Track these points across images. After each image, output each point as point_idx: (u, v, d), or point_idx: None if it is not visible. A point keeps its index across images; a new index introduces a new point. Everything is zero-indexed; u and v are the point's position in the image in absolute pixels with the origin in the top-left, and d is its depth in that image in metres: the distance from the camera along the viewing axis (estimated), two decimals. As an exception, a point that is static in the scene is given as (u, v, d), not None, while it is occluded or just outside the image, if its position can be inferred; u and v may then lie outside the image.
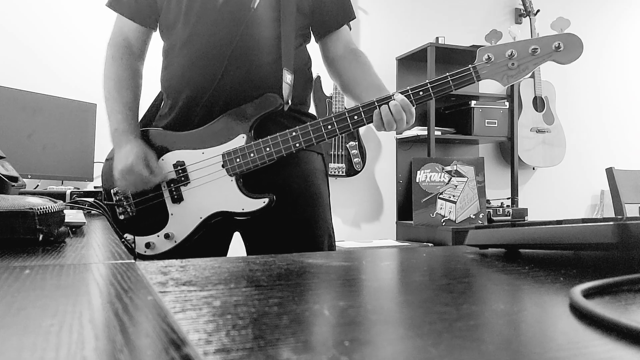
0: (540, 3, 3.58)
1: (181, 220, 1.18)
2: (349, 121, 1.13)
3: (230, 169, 1.15)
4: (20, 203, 0.61)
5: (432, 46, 3.15)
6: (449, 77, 1.13)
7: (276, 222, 1.18)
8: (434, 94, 1.13)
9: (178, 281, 0.40)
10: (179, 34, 1.21)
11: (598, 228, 0.43)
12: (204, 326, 0.27)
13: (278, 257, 0.55)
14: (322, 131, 1.13)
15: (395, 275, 0.47)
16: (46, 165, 2.35)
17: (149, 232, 1.19)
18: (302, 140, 1.13)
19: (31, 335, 0.25)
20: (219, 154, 1.16)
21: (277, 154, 1.13)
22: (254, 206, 1.14)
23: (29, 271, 0.43)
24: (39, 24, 2.65)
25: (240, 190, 1.15)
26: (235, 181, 1.15)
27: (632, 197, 2.37)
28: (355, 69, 1.28)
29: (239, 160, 1.14)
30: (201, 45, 1.17)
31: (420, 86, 1.14)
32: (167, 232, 1.17)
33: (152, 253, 1.18)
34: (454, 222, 2.87)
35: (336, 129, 1.13)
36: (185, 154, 1.18)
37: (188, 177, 1.17)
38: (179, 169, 1.18)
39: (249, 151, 1.14)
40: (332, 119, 1.13)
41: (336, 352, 0.23)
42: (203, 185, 1.17)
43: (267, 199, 1.14)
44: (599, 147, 3.96)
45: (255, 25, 1.17)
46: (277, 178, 1.19)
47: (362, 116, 1.13)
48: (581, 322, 0.28)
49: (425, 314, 0.31)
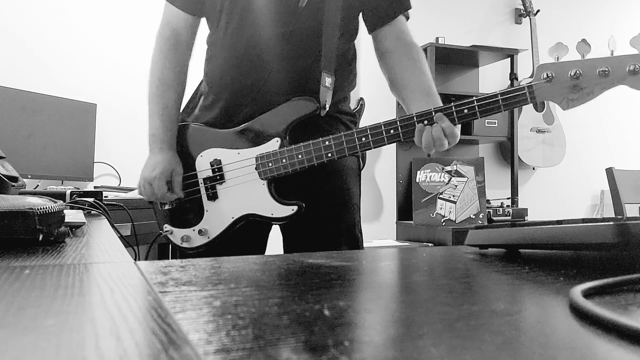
0: (540, 3, 3.58)
1: (215, 218, 1.18)
2: (384, 134, 1.06)
3: (263, 172, 1.14)
4: (20, 203, 0.61)
5: (432, 46, 3.15)
6: (499, 96, 1.02)
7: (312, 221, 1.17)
8: (480, 113, 1.03)
9: (178, 281, 0.40)
10: (222, 27, 1.18)
11: (598, 228, 0.43)
12: (204, 326, 0.27)
13: (278, 257, 0.55)
14: (356, 142, 1.08)
15: (395, 275, 0.47)
16: (46, 165, 2.35)
17: (186, 225, 1.21)
18: (335, 151, 1.09)
19: (31, 335, 0.25)
20: (253, 156, 1.15)
21: (308, 162, 1.10)
22: (283, 212, 1.13)
23: (29, 271, 0.43)
24: (39, 24, 2.65)
25: (270, 195, 1.14)
26: (266, 185, 1.14)
27: (632, 197, 2.37)
28: (405, 66, 1.20)
29: (271, 165, 1.13)
30: (246, 43, 1.15)
31: (464, 104, 1.03)
32: (201, 228, 1.19)
33: (188, 246, 1.20)
34: (454, 222, 2.86)
35: (370, 142, 1.07)
36: (223, 152, 1.18)
37: (224, 176, 1.17)
38: (215, 167, 1.18)
39: (281, 156, 1.12)
40: (367, 130, 1.07)
41: (336, 352, 0.23)
42: (237, 185, 1.16)
43: (296, 207, 1.12)
44: (598, 147, 3.96)
45: (301, 24, 1.14)
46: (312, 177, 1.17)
47: (398, 130, 1.06)
48: (581, 322, 0.28)
49: (425, 314, 0.31)
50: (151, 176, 1.17)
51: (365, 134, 1.07)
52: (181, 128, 1.23)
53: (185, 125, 1.23)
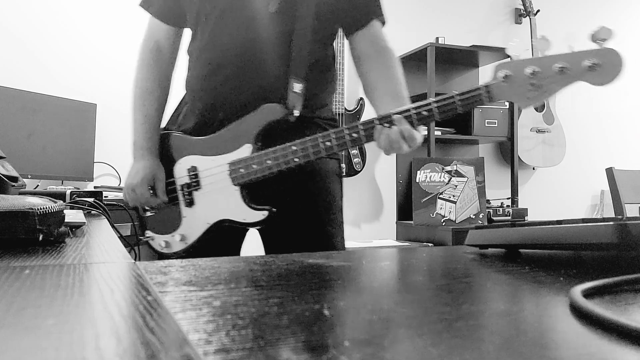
0: (540, 3, 3.58)
1: (192, 224, 1.21)
2: (347, 138, 1.08)
3: (235, 178, 1.16)
4: (20, 203, 0.61)
5: (432, 46, 3.15)
6: (456, 97, 1.02)
7: (292, 222, 1.19)
8: (439, 114, 1.03)
9: (178, 281, 0.40)
10: (199, 37, 1.21)
11: (598, 228, 0.43)
12: (204, 326, 0.27)
13: (278, 257, 0.55)
14: (320, 147, 1.09)
15: (395, 275, 0.47)
16: (46, 165, 2.35)
17: (166, 231, 1.24)
18: (301, 155, 1.10)
19: (31, 335, 0.25)
20: (226, 163, 1.17)
21: (277, 167, 1.12)
22: (255, 218, 1.15)
23: (29, 271, 0.43)
24: (39, 24, 2.65)
25: (243, 200, 1.16)
26: (239, 191, 1.16)
27: (632, 197, 2.37)
28: (376, 71, 1.22)
29: (243, 171, 1.15)
30: (221, 51, 1.17)
31: (423, 105, 1.04)
32: (180, 234, 1.22)
33: (167, 251, 1.23)
34: (454, 222, 2.87)
35: (333, 146, 1.09)
36: (199, 159, 1.20)
37: (199, 183, 1.20)
38: (192, 174, 1.20)
39: (252, 162, 1.14)
40: (330, 135, 1.09)
41: (336, 352, 0.23)
42: (212, 191, 1.19)
43: (266, 212, 1.14)
44: (598, 147, 3.96)
45: (271, 30, 1.15)
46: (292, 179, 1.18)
47: (360, 134, 1.08)
48: (581, 322, 0.28)
49: (425, 314, 0.31)
50: (134, 183, 1.21)
51: (329, 138, 1.09)
52: (162, 136, 1.26)
53: (166, 133, 1.26)
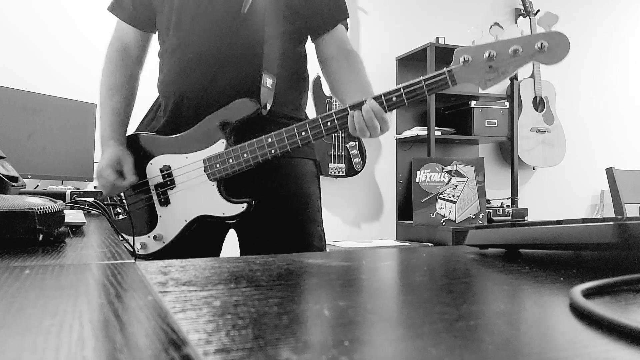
0: (540, 3, 3.58)
1: (168, 223, 1.21)
2: (322, 127, 1.11)
3: (211, 174, 1.17)
4: (20, 203, 0.61)
5: (432, 46, 3.15)
6: (422, 81, 1.08)
7: (268, 223, 1.20)
8: (407, 99, 1.09)
9: (178, 281, 0.40)
10: (171, 39, 1.23)
11: (598, 228, 0.43)
12: (204, 326, 0.27)
13: (278, 257, 0.55)
14: (296, 137, 1.12)
15: (395, 275, 0.47)
16: (46, 165, 2.35)
17: (142, 232, 1.24)
18: (278, 147, 1.12)
19: (31, 335, 0.25)
20: (201, 159, 1.17)
21: (253, 160, 1.14)
22: (234, 211, 1.16)
23: (29, 271, 0.43)
24: (39, 24, 2.65)
25: (220, 195, 1.17)
26: (216, 186, 1.17)
27: (632, 197, 2.37)
28: (344, 71, 1.26)
29: (219, 166, 1.16)
30: (192, 51, 1.19)
31: (393, 91, 1.09)
32: (156, 234, 1.22)
33: (144, 253, 1.23)
34: (454, 222, 2.86)
35: (309, 136, 1.11)
36: (171, 158, 1.21)
37: (174, 181, 1.20)
38: (165, 173, 1.21)
39: (227, 157, 1.15)
40: (306, 125, 1.12)
41: (336, 352, 0.23)
42: (187, 189, 1.19)
43: (245, 204, 1.15)
44: (598, 147, 3.96)
45: (243, 30, 1.18)
46: (268, 181, 1.20)
47: (335, 122, 1.11)
48: (581, 322, 0.28)
49: (425, 314, 0.31)
50: (100, 167, 1.22)
51: (304, 128, 1.12)
52: (132, 138, 1.26)
53: (135, 135, 1.27)
